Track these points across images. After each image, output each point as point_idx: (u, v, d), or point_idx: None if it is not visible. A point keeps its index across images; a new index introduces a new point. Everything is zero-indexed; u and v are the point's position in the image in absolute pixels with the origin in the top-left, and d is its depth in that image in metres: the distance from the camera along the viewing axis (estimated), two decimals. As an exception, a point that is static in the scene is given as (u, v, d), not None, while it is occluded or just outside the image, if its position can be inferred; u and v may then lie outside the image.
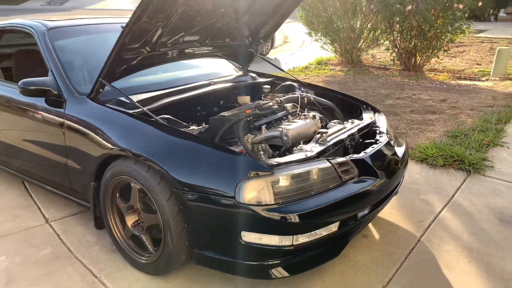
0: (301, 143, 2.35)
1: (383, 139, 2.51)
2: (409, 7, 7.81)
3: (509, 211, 2.96)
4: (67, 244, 2.58)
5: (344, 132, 2.46)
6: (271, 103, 2.67)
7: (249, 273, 2.02)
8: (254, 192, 1.87)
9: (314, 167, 2.03)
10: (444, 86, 7.46)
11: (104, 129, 2.30)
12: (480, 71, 9.23)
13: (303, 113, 2.66)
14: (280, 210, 1.87)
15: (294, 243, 1.92)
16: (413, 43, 8.44)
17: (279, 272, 2.00)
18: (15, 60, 3.55)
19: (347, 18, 9.26)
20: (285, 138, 2.25)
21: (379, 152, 2.37)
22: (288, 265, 2.02)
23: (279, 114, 2.59)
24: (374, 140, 2.49)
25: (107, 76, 2.41)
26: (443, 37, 8.26)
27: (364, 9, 9.23)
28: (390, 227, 2.75)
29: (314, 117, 2.60)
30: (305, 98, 2.95)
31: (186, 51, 2.89)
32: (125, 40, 2.27)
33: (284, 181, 1.92)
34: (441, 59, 9.67)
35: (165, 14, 2.34)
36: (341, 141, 2.37)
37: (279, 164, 1.98)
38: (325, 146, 2.23)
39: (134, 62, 2.52)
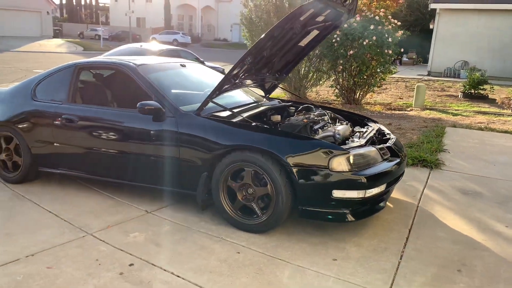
0: (350, 138, 3.52)
1: (392, 136, 3.79)
2: (351, 51, 9.60)
3: (466, 188, 4.39)
4: (179, 223, 3.42)
5: (370, 131, 3.70)
6: (313, 116, 3.84)
7: (335, 218, 3.10)
8: (339, 164, 2.99)
9: (367, 150, 3.22)
10: (383, 114, 9.21)
11: (216, 133, 3.28)
12: (404, 103, 11.30)
13: (339, 121, 3.86)
14: (357, 174, 3.01)
15: (366, 195, 3.05)
16: (353, 81, 10.22)
17: (350, 217, 3.10)
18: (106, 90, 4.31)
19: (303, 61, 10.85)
20: (337, 136, 3.42)
21: (395, 144, 3.64)
22: (355, 213, 3.13)
23: (322, 122, 3.76)
24: (387, 137, 3.75)
25: (210, 97, 3.42)
26: (376, 76, 10.16)
27: (312, 54, 10.91)
28: (397, 200, 3.99)
29: (347, 123, 3.82)
30: (330, 113, 4.15)
31: (247, 81, 3.99)
32: (232, 73, 3.33)
33: (354, 157, 3.07)
34: (374, 95, 11.63)
35: (255, 57, 3.46)
36: (371, 137, 3.60)
37: (349, 148, 3.13)
38: (366, 139, 3.44)
39: (226, 87, 3.56)
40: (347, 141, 3.42)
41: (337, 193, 3.01)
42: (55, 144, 4.01)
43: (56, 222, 3.43)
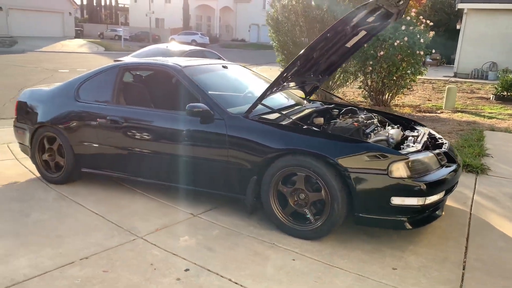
0: (404, 142, 3.40)
1: (445, 141, 3.66)
2: (381, 52, 9.43)
3: (516, 194, 4.23)
4: (228, 227, 3.36)
5: (423, 136, 3.58)
6: (361, 119, 3.73)
7: (392, 226, 3.00)
8: (398, 169, 2.89)
9: (426, 155, 3.10)
10: (414, 117, 9.01)
11: (267, 137, 3.21)
12: (433, 105, 11.07)
13: (389, 124, 3.75)
14: (417, 180, 2.90)
15: (426, 202, 2.93)
16: (382, 82, 10.04)
17: (408, 225, 2.99)
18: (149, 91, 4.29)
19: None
20: (391, 140, 3.31)
21: (450, 149, 3.51)
22: (413, 221, 3.02)
23: (372, 126, 3.65)
24: (440, 142, 3.62)
25: (260, 100, 3.35)
26: (406, 77, 9.96)
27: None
28: (448, 207, 3.85)
29: (398, 127, 3.70)
30: (377, 116, 4.04)
31: (291, 83, 3.91)
32: (282, 75, 3.26)
33: (414, 162, 2.96)
34: (402, 96, 11.42)
35: (306, 59, 3.38)
36: (425, 141, 3.48)
37: (407, 153, 3.02)
38: (421, 144, 3.32)
39: (274, 90, 3.49)
40: (402, 146, 3.31)
41: (396, 200, 2.90)
42: (99, 145, 3.99)
43: (104, 224, 3.40)
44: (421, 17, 9.84)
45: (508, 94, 11.68)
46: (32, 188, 4.20)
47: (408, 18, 9.47)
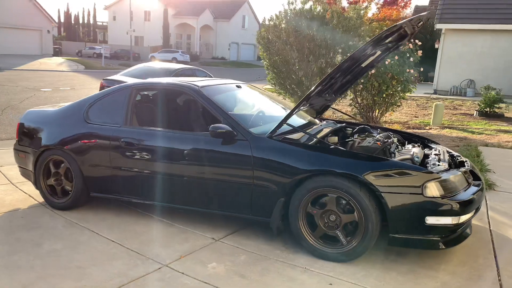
0: (429, 161, 3.40)
1: (465, 158, 3.68)
2: (372, 71, 9.59)
3: (528, 210, 4.28)
4: (254, 252, 3.26)
5: (443, 154, 3.59)
6: (381, 138, 3.73)
7: (427, 246, 2.96)
8: (432, 189, 2.87)
9: (454, 174, 3.10)
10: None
11: (295, 157, 3.15)
12: (421, 122, 11.28)
13: (411, 143, 3.75)
14: (450, 199, 2.89)
15: (460, 221, 2.92)
16: (373, 100, 10.19)
17: (442, 245, 2.96)
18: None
19: (315, 80, 10.85)
20: (416, 159, 3.30)
21: (472, 166, 3.53)
22: (446, 241, 3.00)
23: (393, 145, 3.65)
24: (461, 160, 3.64)
25: (286, 120, 3.30)
26: (396, 95, 10.14)
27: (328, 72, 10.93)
28: (466, 223, 3.86)
29: (418, 145, 3.71)
30: (393, 135, 4.05)
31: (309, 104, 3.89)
32: (309, 95, 3.23)
33: (446, 181, 2.95)
34: (391, 113, 11.61)
35: (331, 79, 3.38)
36: (449, 159, 3.49)
37: (439, 172, 3.02)
38: (447, 162, 3.33)
39: (297, 110, 3.46)
40: (427, 165, 3.31)
41: (431, 220, 2.88)
42: (111, 168, 3.85)
43: (124, 252, 3.25)
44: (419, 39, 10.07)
45: (491, 110, 12.03)
46: (37, 215, 4.00)
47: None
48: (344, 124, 4.50)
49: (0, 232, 3.58)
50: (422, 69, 10.24)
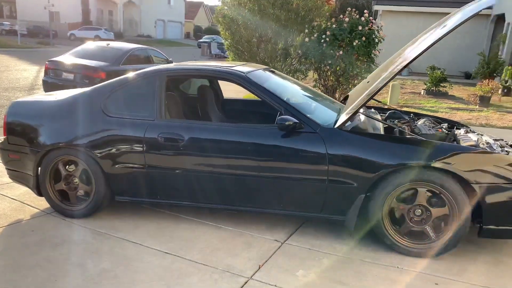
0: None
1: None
2: (340, 52, 9.61)
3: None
4: (331, 253, 3.02)
5: (494, 139, 3.59)
6: (435, 124, 3.65)
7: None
8: None
9: None
10: (376, 114, 9.35)
11: (378, 151, 2.93)
12: (377, 101, 11.64)
13: (470, 129, 3.69)
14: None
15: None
16: (338, 81, 10.28)
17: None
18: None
19: (279, 62, 10.63)
20: (481, 145, 3.26)
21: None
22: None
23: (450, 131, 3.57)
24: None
25: (358, 109, 3.06)
26: (359, 75, 10.32)
27: (293, 54, 10.74)
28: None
29: (472, 131, 3.67)
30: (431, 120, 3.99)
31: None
32: (385, 82, 3.01)
33: None
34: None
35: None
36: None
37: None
38: (509, 148, 3.32)
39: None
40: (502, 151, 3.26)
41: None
42: (145, 169, 3.32)
43: (190, 265, 2.82)
44: (370, 17, 10.22)
45: (437, 89, 12.78)
46: (50, 226, 3.36)
47: (363, 19, 9.80)
48: (372, 110, 4.37)
49: (18, 252, 2.94)
50: (383, 50, 10.50)
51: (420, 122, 3.83)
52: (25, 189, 3.95)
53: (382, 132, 3.27)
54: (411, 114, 4.22)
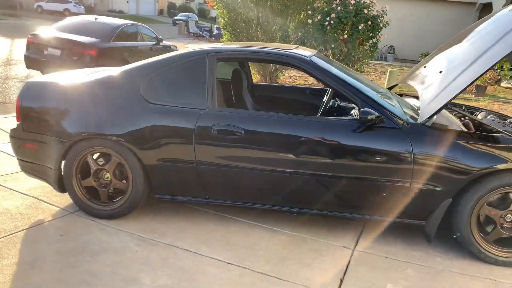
0: None
1: None
2: (345, 35, 9.27)
3: None
4: (413, 262, 2.72)
5: None
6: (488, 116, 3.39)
7: None
8: None
9: None
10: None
11: (470, 152, 2.62)
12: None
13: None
14: None
15: None
16: (339, 65, 9.97)
17: None
18: None
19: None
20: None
21: None
22: None
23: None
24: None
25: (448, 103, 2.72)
26: (361, 60, 10.05)
27: (292, 36, 10.31)
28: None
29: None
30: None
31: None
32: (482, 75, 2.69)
33: None
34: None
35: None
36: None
37: None
38: None
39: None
40: None
41: None
42: (195, 165, 2.88)
43: (262, 279, 2.45)
44: (374, 0, 9.88)
45: (430, 77, 12.69)
46: (80, 229, 2.89)
47: (368, 1, 9.46)
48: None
49: (53, 263, 2.47)
50: (383, 36, 10.23)
51: (481, 115, 3.55)
52: (34, 181, 3.45)
53: (461, 127, 2.95)
54: (463, 107, 3.94)
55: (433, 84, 3.08)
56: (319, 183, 2.80)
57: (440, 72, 3.16)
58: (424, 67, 3.68)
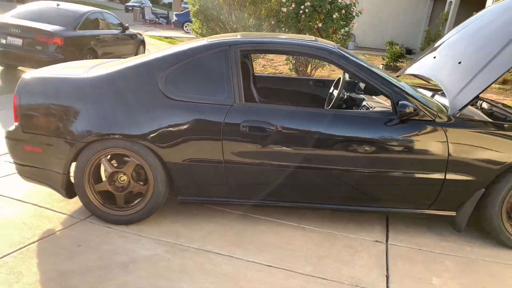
0: None
1: None
2: (319, 24, 9.26)
3: None
4: (448, 253, 2.74)
5: None
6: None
7: None
8: None
9: None
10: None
11: (501, 141, 2.66)
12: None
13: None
14: None
15: None
16: (312, 55, 9.97)
17: None
18: None
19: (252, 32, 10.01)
20: None
21: None
22: None
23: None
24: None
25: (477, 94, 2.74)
26: (333, 49, 10.10)
27: (265, 24, 10.17)
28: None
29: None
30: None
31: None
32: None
33: None
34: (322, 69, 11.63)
35: None
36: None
37: None
38: None
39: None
40: None
41: None
42: (223, 164, 2.73)
43: (309, 281, 2.36)
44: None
45: (395, 64, 13.05)
46: (98, 238, 2.67)
47: (341, -10, 9.48)
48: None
49: (82, 279, 2.25)
50: (356, 24, 10.34)
51: (486, 105, 3.64)
52: (28, 186, 3.18)
53: (485, 118, 2.99)
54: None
55: (456, 76, 3.09)
56: (353, 179, 2.74)
57: (459, 63, 3.18)
58: (434, 57, 3.69)
